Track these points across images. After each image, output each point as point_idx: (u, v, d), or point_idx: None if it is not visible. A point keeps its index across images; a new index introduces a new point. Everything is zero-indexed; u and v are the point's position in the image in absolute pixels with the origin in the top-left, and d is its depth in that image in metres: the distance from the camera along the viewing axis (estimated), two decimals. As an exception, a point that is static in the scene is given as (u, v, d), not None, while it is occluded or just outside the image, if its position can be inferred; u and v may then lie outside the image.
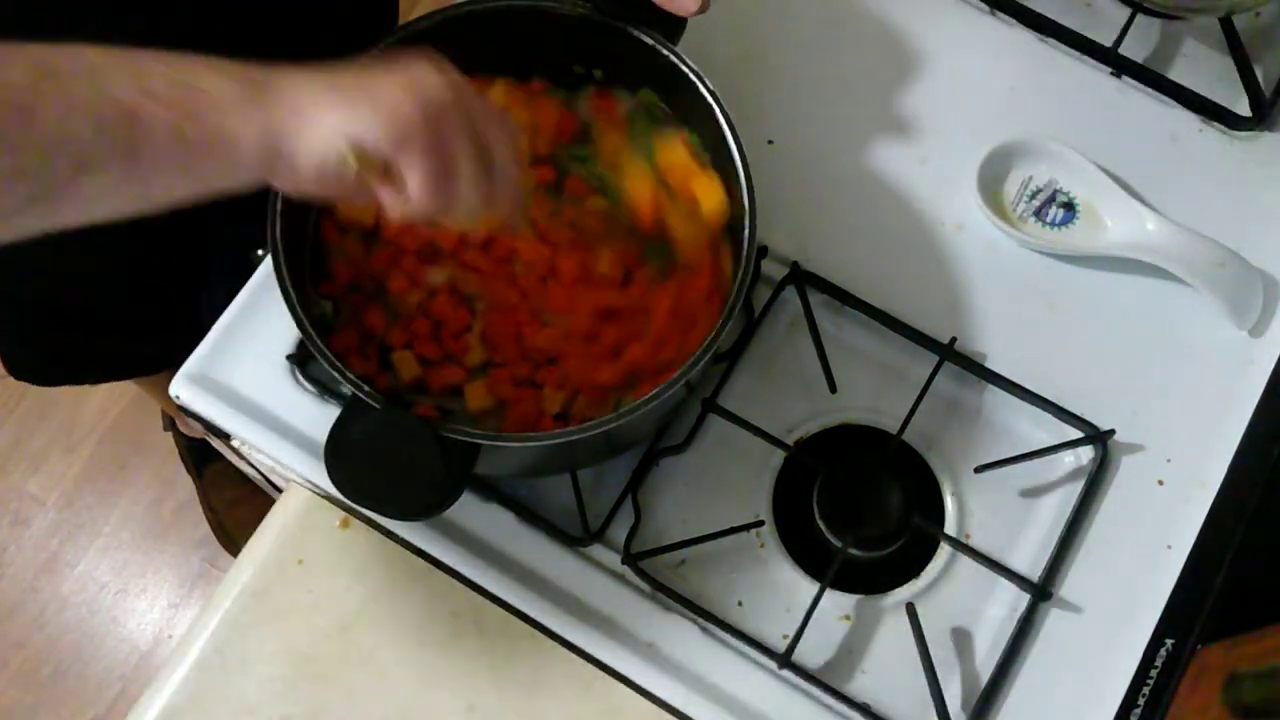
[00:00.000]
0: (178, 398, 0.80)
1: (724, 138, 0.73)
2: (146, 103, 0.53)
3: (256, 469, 1.39)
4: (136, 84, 0.54)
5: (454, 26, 0.75)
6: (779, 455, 0.79)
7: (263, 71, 0.57)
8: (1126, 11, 0.91)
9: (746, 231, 0.71)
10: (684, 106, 0.77)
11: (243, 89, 0.56)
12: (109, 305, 1.13)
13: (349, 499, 0.65)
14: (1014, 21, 0.93)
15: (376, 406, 0.66)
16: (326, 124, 0.56)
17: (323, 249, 0.75)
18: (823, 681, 0.74)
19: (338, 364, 0.67)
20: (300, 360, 0.80)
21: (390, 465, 0.65)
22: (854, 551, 0.76)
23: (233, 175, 0.57)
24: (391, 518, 0.74)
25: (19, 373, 1.19)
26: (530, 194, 0.76)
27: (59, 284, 1.08)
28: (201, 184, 0.57)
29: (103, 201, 0.55)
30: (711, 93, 0.73)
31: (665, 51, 0.74)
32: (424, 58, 0.60)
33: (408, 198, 0.59)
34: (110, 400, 1.72)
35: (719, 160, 0.75)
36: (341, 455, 0.65)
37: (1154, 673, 0.75)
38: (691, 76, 0.74)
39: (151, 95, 0.54)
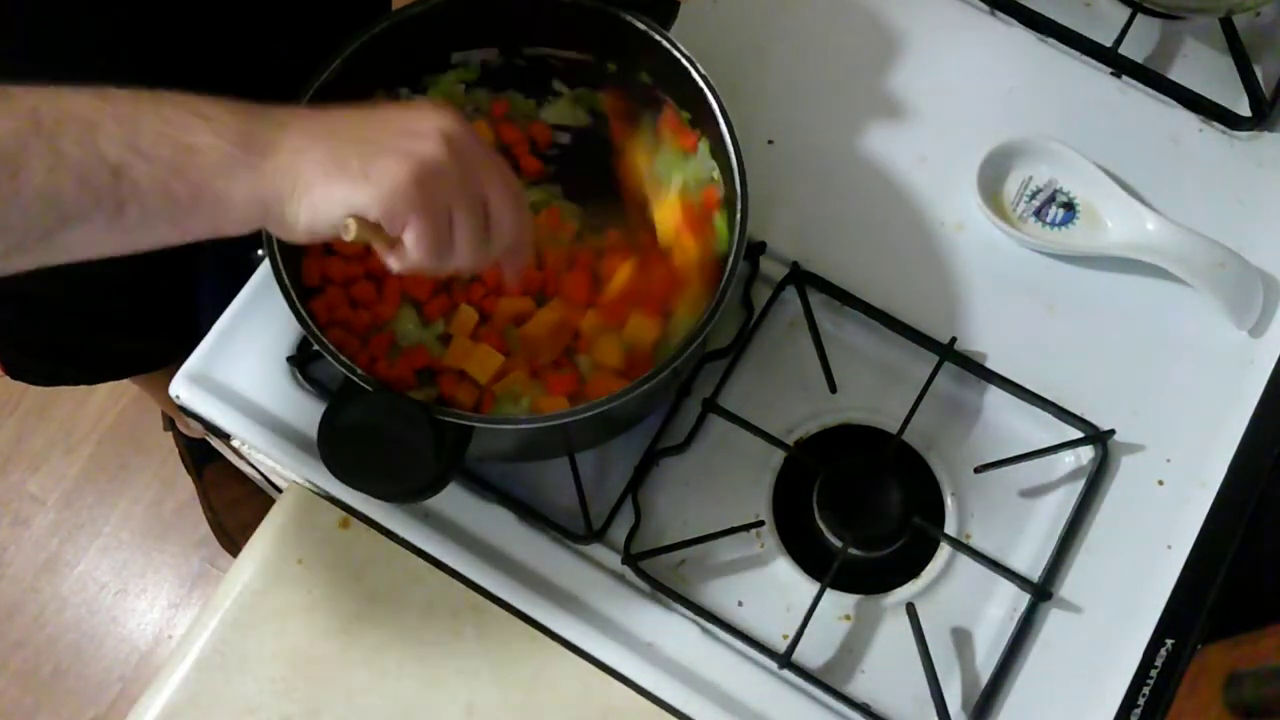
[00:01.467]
0: (178, 398, 0.80)
1: (716, 120, 0.73)
2: (135, 160, 0.53)
3: (256, 469, 1.39)
4: (126, 139, 0.53)
5: (447, 10, 0.75)
6: (779, 455, 0.79)
7: (261, 123, 0.57)
8: (1126, 11, 0.91)
9: (740, 211, 0.71)
10: (678, 92, 0.77)
11: (237, 149, 0.55)
12: (100, 303, 1.13)
13: (342, 481, 0.65)
14: (1014, 21, 0.93)
15: (370, 390, 0.66)
16: (321, 195, 0.56)
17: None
18: (823, 681, 0.74)
19: (332, 348, 0.67)
20: (300, 361, 0.80)
21: (384, 448, 0.65)
22: (854, 551, 0.76)
23: (220, 230, 0.57)
24: (385, 500, 0.74)
25: (18, 373, 1.19)
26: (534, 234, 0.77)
27: (50, 281, 1.08)
28: (188, 235, 0.57)
29: (84, 250, 0.55)
30: (704, 77, 0.74)
31: (658, 37, 0.74)
32: (431, 109, 0.60)
33: (404, 257, 0.59)
34: (110, 400, 1.72)
35: (712, 141, 0.75)
36: (335, 439, 0.65)
37: (1154, 673, 0.75)
38: (684, 62, 0.74)
39: (140, 153, 0.53)
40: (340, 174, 0.56)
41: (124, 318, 1.16)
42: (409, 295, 0.76)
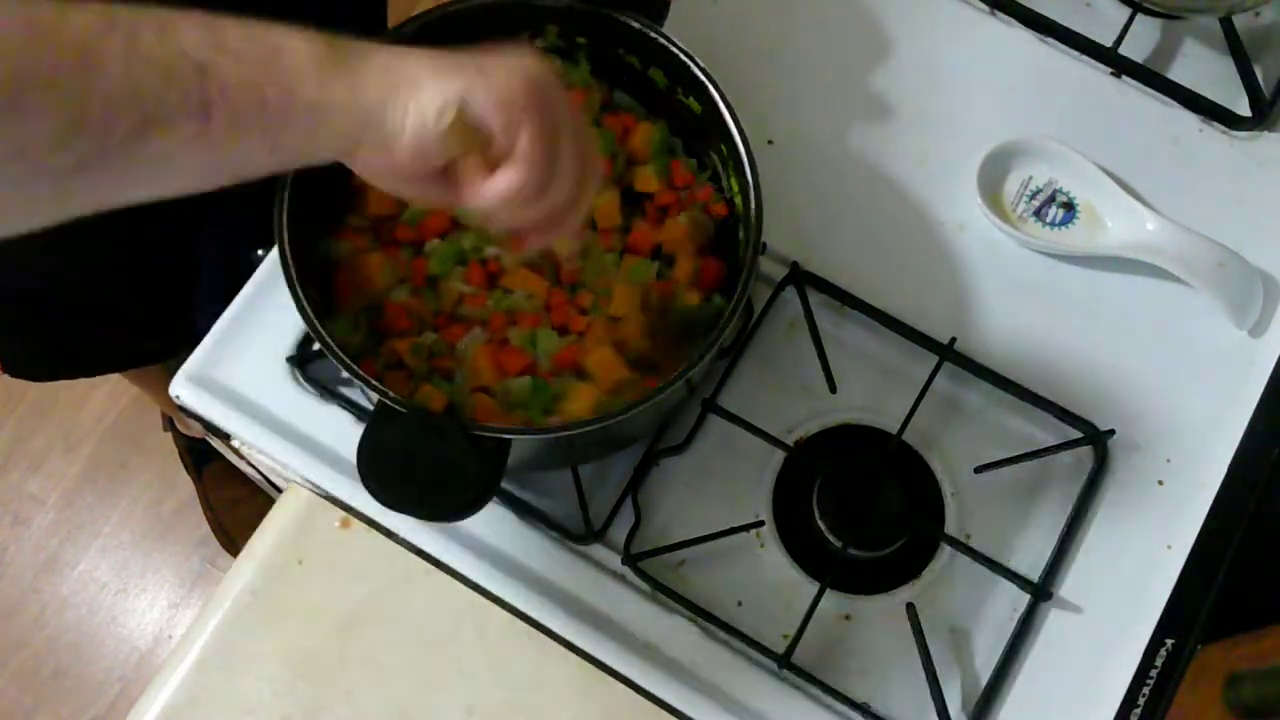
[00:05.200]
0: (178, 398, 0.80)
1: (720, 115, 0.73)
2: (220, 58, 0.48)
3: (256, 469, 1.40)
4: (210, 38, 0.48)
5: (439, 27, 0.75)
6: (779, 455, 0.79)
7: (347, 38, 0.52)
8: (1126, 11, 0.91)
9: (754, 204, 0.71)
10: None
11: (329, 51, 0.51)
12: (97, 297, 1.13)
13: (388, 507, 0.64)
14: (1014, 21, 0.93)
15: (404, 412, 0.65)
16: (429, 89, 0.52)
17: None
18: (823, 681, 0.74)
19: (361, 373, 0.66)
20: (300, 361, 0.80)
21: (424, 469, 0.64)
22: (854, 551, 0.76)
23: (314, 146, 0.52)
24: (432, 520, 0.73)
25: (15, 370, 1.19)
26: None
27: (46, 277, 1.08)
28: (279, 154, 0.51)
29: (170, 168, 0.50)
30: (704, 72, 0.74)
31: (654, 35, 0.75)
32: (520, 48, 0.58)
33: (510, 176, 0.55)
34: (110, 400, 1.72)
35: (719, 135, 0.76)
36: (374, 465, 0.64)
37: (1154, 673, 0.75)
38: (683, 58, 0.74)
39: (226, 50, 0.48)
40: (454, 70, 0.53)
41: (122, 315, 1.16)
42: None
